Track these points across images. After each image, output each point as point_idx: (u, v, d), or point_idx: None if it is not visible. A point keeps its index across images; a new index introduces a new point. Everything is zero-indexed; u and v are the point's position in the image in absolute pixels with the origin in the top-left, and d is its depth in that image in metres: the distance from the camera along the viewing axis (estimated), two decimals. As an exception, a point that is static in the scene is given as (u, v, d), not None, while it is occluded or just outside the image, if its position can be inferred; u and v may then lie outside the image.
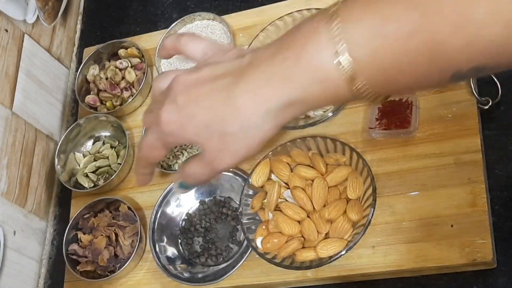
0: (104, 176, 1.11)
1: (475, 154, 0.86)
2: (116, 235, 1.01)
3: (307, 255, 0.86)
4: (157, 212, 1.01)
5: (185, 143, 0.93)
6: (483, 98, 0.89)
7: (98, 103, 1.16)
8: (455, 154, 0.87)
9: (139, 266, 1.01)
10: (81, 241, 1.04)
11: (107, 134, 1.15)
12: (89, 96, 1.16)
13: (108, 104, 1.15)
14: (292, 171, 0.92)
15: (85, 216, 1.06)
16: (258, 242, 0.89)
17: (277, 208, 0.91)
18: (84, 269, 1.01)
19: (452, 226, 0.84)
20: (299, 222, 0.88)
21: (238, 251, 0.96)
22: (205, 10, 1.15)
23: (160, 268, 0.97)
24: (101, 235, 1.01)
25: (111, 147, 1.13)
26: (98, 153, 1.13)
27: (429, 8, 0.37)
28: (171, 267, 0.97)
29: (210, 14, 1.13)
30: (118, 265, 1.00)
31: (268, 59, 0.44)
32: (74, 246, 1.03)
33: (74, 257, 1.03)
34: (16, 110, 1.09)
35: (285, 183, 0.93)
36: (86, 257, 1.02)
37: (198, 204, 1.03)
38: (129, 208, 1.02)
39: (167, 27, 1.15)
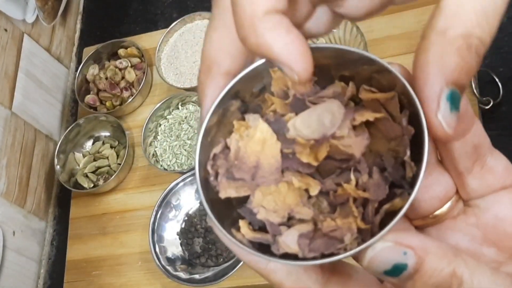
0: (103, 176, 1.11)
1: (476, 155, 0.86)
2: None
3: (307, 256, 0.86)
4: (157, 213, 1.01)
5: None
6: (484, 98, 0.89)
7: (97, 103, 1.15)
8: (456, 154, 0.87)
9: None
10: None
11: (107, 134, 1.15)
12: (88, 96, 1.16)
13: (107, 104, 1.15)
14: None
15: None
16: (259, 242, 0.89)
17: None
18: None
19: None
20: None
21: (238, 252, 0.96)
22: (206, 10, 1.14)
23: (160, 269, 0.96)
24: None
25: (111, 147, 1.13)
26: (98, 153, 1.13)
27: None
28: (171, 267, 0.97)
29: (211, 13, 1.13)
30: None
31: None
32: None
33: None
34: (16, 110, 1.09)
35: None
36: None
37: (198, 204, 1.02)
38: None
39: (167, 27, 1.15)
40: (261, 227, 0.30)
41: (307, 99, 0.30)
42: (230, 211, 0.31)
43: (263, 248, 0.30)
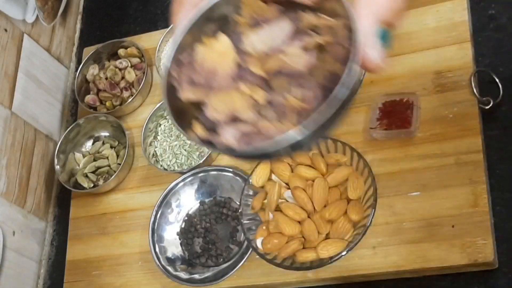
0: (103, 176, 1.11)
1: (476, 155, 0.86)
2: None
3: (307, 256, 0.86)
4: (157, 213, 1.01)
5: None
6: (484, 98, 0.89)
7: (97, 103, 1.15)
8: (456, 154, 0.87)
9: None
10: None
11: (107, 134, 1.15)
12: (88, 96, 1.16)
13: (107, 104, 1.15)
14: (292, 171, 0.92)
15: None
16: (259, 242, 0.89)
17: (278, 209, 0.90)
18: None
19: (453, 226, 0.84)
20: (299, 222, 0.88)
21: (238, 252, 0.96)
22: (205, 10, 1.14)
23: (160, 269, 0.96)
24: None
25: (111, 147, 1.13)
26: (98, 153, 1.13)
27: None
28: (171, 267, 0.97)
29: None
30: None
31: None
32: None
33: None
34: (16, 110, 1.09)
35: (286, 184, 0.92)
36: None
37: (198, 204, 1.02)
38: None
39: (167, 27, 1.15)
40: (212, 128, 0.36)
41: (267, 20, 0.36)
42: (188, 113, 0.37)
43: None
